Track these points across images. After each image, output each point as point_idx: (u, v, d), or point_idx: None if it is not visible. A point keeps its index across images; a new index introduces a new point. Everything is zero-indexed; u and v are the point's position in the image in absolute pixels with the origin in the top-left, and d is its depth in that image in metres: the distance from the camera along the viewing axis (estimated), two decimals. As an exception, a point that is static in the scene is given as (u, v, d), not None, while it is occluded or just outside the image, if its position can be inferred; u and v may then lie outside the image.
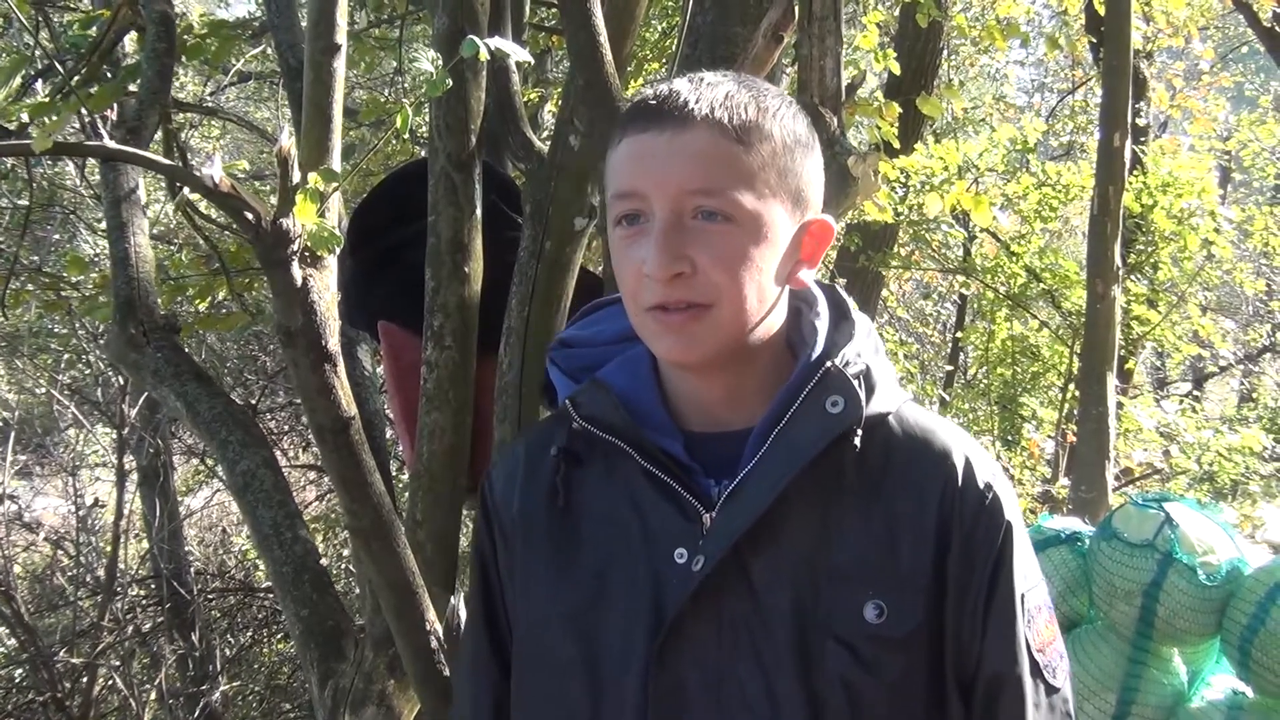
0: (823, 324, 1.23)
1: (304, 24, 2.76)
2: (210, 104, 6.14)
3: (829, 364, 1.19)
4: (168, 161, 2.48)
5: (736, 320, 1.16)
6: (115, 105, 3.31)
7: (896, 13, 7.09)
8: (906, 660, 1.15)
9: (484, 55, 2.14)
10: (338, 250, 2.20)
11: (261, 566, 6.90)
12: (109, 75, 3.51)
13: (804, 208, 1.20)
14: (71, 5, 4.91)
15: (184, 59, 4.15)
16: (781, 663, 1.14)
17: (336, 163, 2.36)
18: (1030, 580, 1.21)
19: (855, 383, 1.18)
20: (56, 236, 7.62)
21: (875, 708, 1.15)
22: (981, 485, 1.19)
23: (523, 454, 1.30)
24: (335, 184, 2.14)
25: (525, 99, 5.39)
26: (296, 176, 2.05)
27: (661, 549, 1.18)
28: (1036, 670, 1.19)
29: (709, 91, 1.16)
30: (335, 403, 2.22)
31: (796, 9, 2.78)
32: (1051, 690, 1.20)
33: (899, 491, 1.19)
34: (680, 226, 1.13)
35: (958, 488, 1.19)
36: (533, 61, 2.48)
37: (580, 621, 1.20)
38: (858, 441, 1.17)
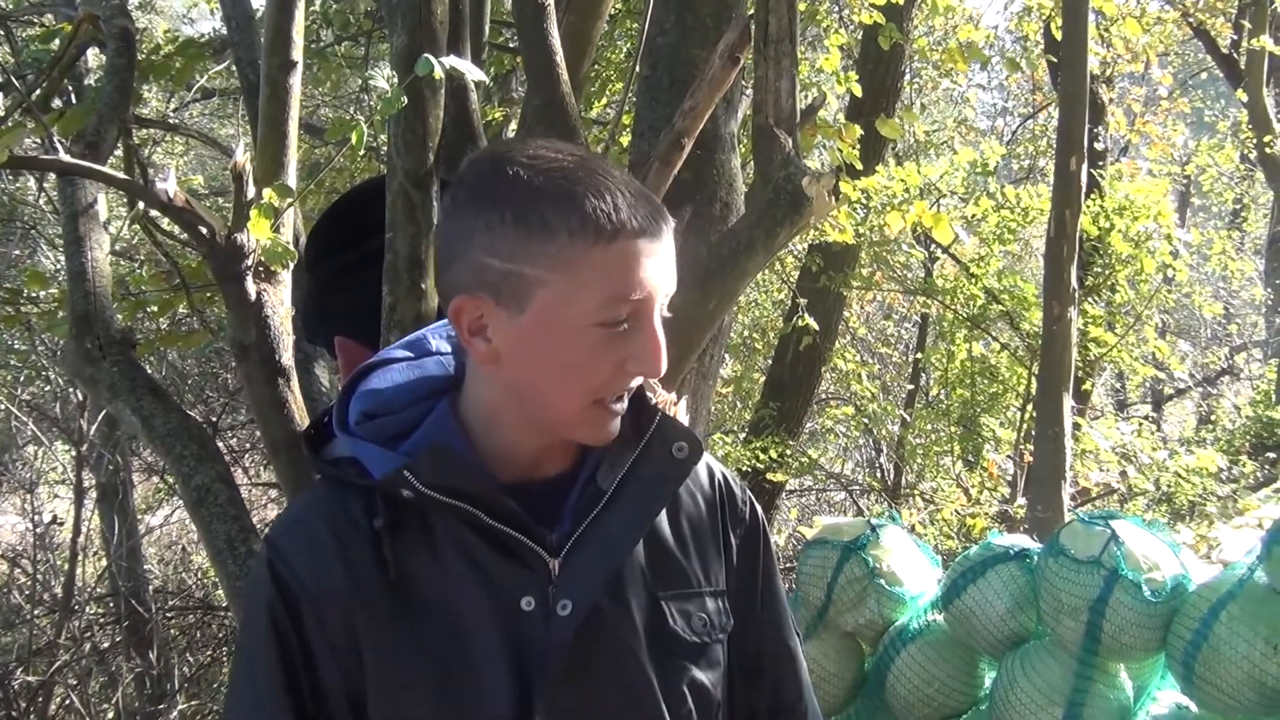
0: None
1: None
2: (174, 120, 6.13)
3: (661, 413, 1.28)
4: (123, 176, 2.48)
5: None
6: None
7: (859, 36, 7.17)
8: (724, 656, 1.33)
9: (439, 74, 2.15)
10: (292, 265, 2.21)
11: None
12: (71, 90, 3.49)
13: None
14: (34, 20, 4.89)
15: (151, 78, 4.14)
16: (641, 684, 1.24)
17: (292, 178, 2.36)
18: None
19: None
20: (17, 252, 7.57)
21: (710, 706, 1.30)
22: (745, 497, 1.40)
23: (323, 528, 1.22)
24: (290, 200, 2.15)
25: (490, 118, 5.42)
26: (251, 192, 2.06)
27: (508, 599, 1.20)
28: (796, 635, 1.44)
29: (645, 192, 1.22)
30: (288, 417, 2.23)
31: (753, 31, 2.81)
32: (800, 644, 1.45)
33: (693, 514, 1.34)
34: None
35: (727, 502, 1.37)
36: (488, 81, 2.50)
37: (448, 691, 1.19)
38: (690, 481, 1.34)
